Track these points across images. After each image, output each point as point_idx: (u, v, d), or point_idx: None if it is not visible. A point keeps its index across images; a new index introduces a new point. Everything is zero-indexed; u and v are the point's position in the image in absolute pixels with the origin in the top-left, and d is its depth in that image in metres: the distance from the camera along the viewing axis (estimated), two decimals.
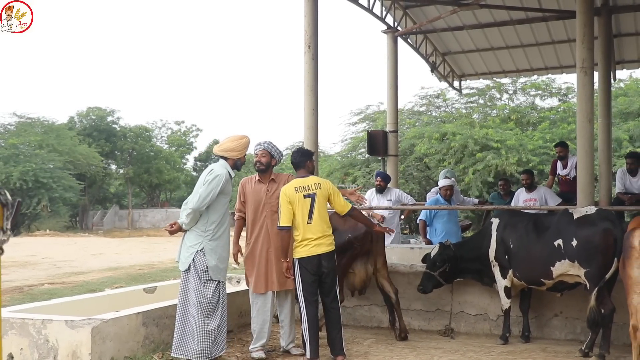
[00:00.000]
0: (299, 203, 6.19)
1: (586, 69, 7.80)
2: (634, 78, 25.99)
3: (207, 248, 6.07)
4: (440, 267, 7.40)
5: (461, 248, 7.54)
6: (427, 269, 7.50)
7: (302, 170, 6.48)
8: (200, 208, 6.04)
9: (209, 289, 6.06)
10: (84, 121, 50.84)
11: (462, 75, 14.94)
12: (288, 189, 6.27)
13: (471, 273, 7.55)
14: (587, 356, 6.40)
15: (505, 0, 11.14)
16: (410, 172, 25.60)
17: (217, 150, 6.37)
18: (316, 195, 6.24)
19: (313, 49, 8.99)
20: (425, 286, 7.48)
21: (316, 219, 6.20)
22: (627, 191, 9.97)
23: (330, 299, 6.33)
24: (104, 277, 14.25)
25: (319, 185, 6.32)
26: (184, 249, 6.17)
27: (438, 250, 7.47)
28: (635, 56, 13.33)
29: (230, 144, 6.34)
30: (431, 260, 7.46)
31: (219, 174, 6.11)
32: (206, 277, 6.05)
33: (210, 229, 6.12)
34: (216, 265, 6.10)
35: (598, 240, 6.33)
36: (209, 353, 6.01)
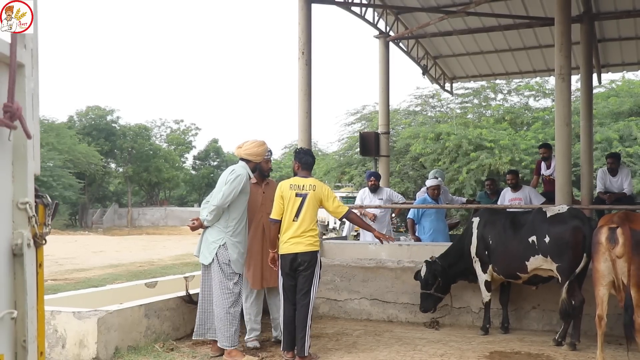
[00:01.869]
0: (290, 200, 6.52)
1: (564, 75, 8.26)
2: (626, 79, 26.39)
3: (229, 243, 6.50)
4: (434, 283, 7.78)
5: (447, 258, 7.90)
6: (422, 289, 7.84)
7: (305, 171, 6.73)
8: (224, 205, 6.46)
9: (233, 280, 6.50)
10: (84, 120, 51.29)
11: (453, 78, 15.38)
12: (284, 184, 6.61)
13: (461, 275, 7.96)
14: (560, 345, 6.87)
15: (493, 7, 11.56)
16: (405, 172, 26.02)
17: (241, 153, 6.72)
18: (308, 196, 6.52)
19: (307, 55, 9.43)
20: (426, 306, 7.85)
21: (302, 218, 6.47)
22: (607, 190, 10.42)
23: (300, 296, 6.43)
24: (106, 273, 14.67)
25: (314, 187, 6.55)
26: (205, 244, 6.60)
27: (426, 268, 7.80)
28: (619, 60, 13.79)
29: (256, 149, 6.73)
30: (423, 279, 7.80)
31: (240, 174, 6.53)
32: (229, 270, 6.48)
33: (232, 225, 6.53)
34: (237, 259, 6.53)
35: (569, 236, 6.81)
36: (234, 340, 6.45)
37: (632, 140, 21.87)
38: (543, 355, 6.54)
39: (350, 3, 11.03)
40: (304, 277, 6.46)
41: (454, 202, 11.32)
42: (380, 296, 8.58)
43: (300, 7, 9.51)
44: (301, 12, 9.48)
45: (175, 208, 55.04)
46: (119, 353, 6.32)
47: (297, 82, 9.46)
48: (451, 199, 11.32)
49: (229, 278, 6.48)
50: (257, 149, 6.75)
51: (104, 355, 6.17)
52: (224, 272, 6.47)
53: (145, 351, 6.52)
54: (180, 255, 20.13)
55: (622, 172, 10.47)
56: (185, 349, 6.80)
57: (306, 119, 9.44)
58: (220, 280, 6.47)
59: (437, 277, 7.74)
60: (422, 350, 6.74)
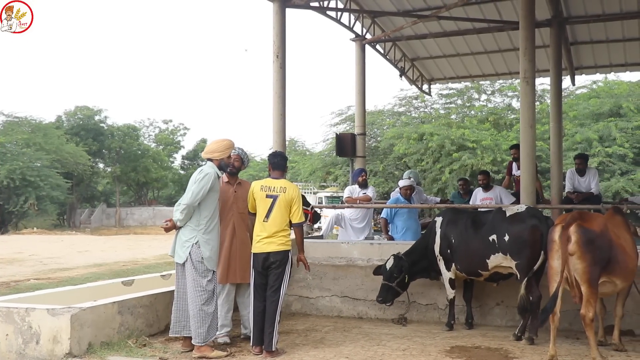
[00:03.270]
0: (260, 200, 6.79)
1: (528, 79, 8.52)
2: (607, 80, 26.75)
3: (201, 241, 6.69)
4: (397, 277, 8.02)
5: (412, 255, 8.14)
6: (385, 281, 8.07)
7: (277, 172, 6.98)
8: (194, 204, 6.66)
9: (206, 278, 6.69)
10: (72, 120, 51.18)
11: (431, 80, 15.63)
12: (255, 185, 6.90)
13: (422, 273, 8.22)
14: (519, 340, 7.14)
15: (468, 11, 11.81)
16: (390, 171, 26.31)
17: (203, 154, 7.05)
18: (278, 197, 6.76)
19: (281, 59, 9.66)
20: (385, 297, 8.08)
21: (273, 219, 6.72)
22: (575, 190, 10.70)
23: (270, 293, 6.66)
24: (89, 272, 14.82)
25: (284, 190, 6.75)
26: (179, 244, 6.79)
27: (393, 262, 8.03)
28: (592, 62, 14.08)
29: (212, 145, 7.00)
30: (388, 272, 8.03)
31: (208, 173, 6.75)
32: (203, 268, 6.67)
33: (203, 223, 6.73)
34: (210, 257, 6.73)
35: (527, 235, 7.10)
36: (207, 336, 6.63)
37: (612, 141, 22.24)
38: (502, 349, 6.80)
39: (325, 8, 11.24)
40: (274, 274, 6.69)
41: (428, 202, 11.58)
42: (351, 293, 8.83)
43: (274, 12, 9.71)
44: (276, 17, 9.69)
45: (164, 208, 54.95)
46: (92, 349, 6.50)
47: (272, 85, 9.67)
48: (425, 199, 11.58)
49: (203, 276, 6.67)
50: (213, 146, 6.97)
51: (77, 351, 6.36)
52: (197, 270, 6.66)
53: (118, 347, 6.71)
54: (165, 255, 20.22)
55: (589, 173, 10.76)
56: (157, 344, 6.99)
57: (281, 121, 9.66)
58: (194, 278, 6.66)
59: (402, 272, 7.98)
60: (387, 345, 6.98)
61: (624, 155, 21.49)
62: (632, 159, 21.52)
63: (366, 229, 10.57)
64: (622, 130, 22.35)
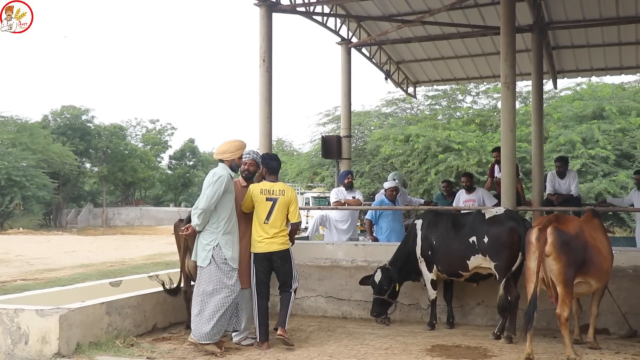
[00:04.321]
0: (260, 203, 7.05)
1: (508, 84, 8.72)
2: (591, 82, 27.00)
3: (221, 243, 6.80)
4: (388, 289, 8.15)
5: (396, 262, 8.26)
6: (376, 295, 8.18)
7: (273, 176, 7.27)
8: (210, 208, 6.74)
9: (232, 278, 6.82)
10: (58, 120, 51.16)
11: (416, 82, 15.82)
12: (254, 188, 7.13)
13: (407, 277, 8.35)
14: (498, 339, 7.33)
15: (452, 16, 11.99)
16: (376, 172, 26.47)
17: (215, 155, 7.12)
18: (278, 200, 7.07)
19: (267, 63, 9.81)
20: (379, 311, 8.21)
21: (273, 221, 7.02)
22: (556, 192, 10.93)
23: (286, 286, 7.15)
24: (76, 273, 14.88)
25: (283, 193, 7.09)
26: (200, 247, 6.87)
27: (382, 275, 8.13)
28: (574, 66, 14.32)
29: (223, 146, 7.05)
30: (378, 285, 8.13)
31: (221, 175, 6.84)
32: (228, 268, 6.80)
33: (222, 225, 6.84)
34: (232, 256, 6.86)
35: (505, 237, 7.31)
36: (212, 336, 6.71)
37: (595, 143, 22.48)
38: (481, 348, 6.99)
39: (312, 12, 11.39)
40: (283, 272, 7.12)
41: (412, 203, 11.77)
42: (335, 294, 9.00)
43: (261, 16, 9.86)
44: (262, 21, 9.84)
45: (151, 208, 55.10)
46: (80, 349, 6.62)
47: (258, 88, 9.82)
48: (409, 200, 11.77)
49: (229, 276, 6.78)
50: (224, 147, 7.01)
51: (65, 351, 6.48)
52: (222, 270, 6.76)
53: (106, 347, 6.83)
54: (152, 255, 20.35)
55: (569, 175, 10.99)
56: (145, 344, 7.12)
57: (267, 123, 9.80)
58: (220, 279, 6.75)
59: (392, 282, 8.11)
60: (370, 345, 7.15)
61: (606, 157, 21.75)
62: (614, 161, 21.78)
63: (350, 230, 10.75)
64: (604, 132, 22.61)
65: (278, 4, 10.22)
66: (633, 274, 7.61)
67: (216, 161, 7.17)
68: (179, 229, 7.96)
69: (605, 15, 11.43)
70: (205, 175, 7.15)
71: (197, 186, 60.53)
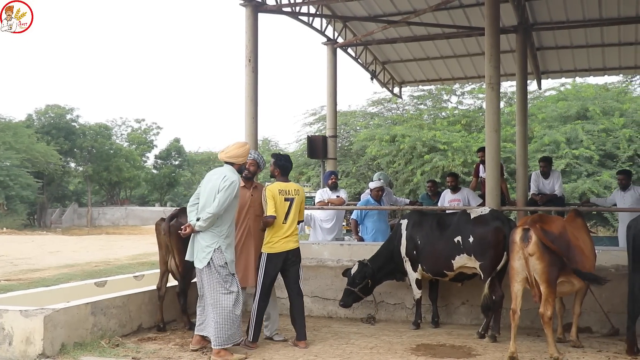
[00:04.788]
0: (280, 203, 7.12)
1: (493, 84, 8.79)
2: (575, 83, 27.17)
3: (223, 246, 6.75)
4: (360, 283, 8.21)
5: (377, 260, 8.33)
6: (347, 286, 8.27)
7: (285, 177, 7.37)
8: (220, 213, 6.69)
9: (231, 282, 6.76)
10: (42, 119, 50.78)
11: (402, 82, 15.89)
12: (273, 188, 7.18)
13: (388, 276, 8.42)
14: (482, 337, 7.40)
15: (437, 17, 12.05)
16: (362, 172, 26.51)
17: (224, 157, 6.95)
18: (294, 200, 7.20)
19: (253, 63, 9.81)
20: (345, 302, 8.29)
21: (291, 220, 7.15)
22: (540, 192, 11.01)
23: (295, 292, 7.24)
24: (60, 273, 14.80)
25: (298, 192, 7.26)
26: (199, 248, 6.76)
27: (357, 268, 8.23)
28: (558, 67, 14.44)
29: (237, 150, 6.97)
30: (351, 278, 8.24)
31: (233, 180, 6.77)
32: (226, 272, 6.72)
33: (225, 229, 6.80)
34: (232, 260, 6.84)
35: (490, 237, 7.37)
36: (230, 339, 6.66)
37: (579, 143, 22.64)
38: (465, 346, 7.05)
39: (297, 13, 11.40)
40: (294, 270, 7.25)
41: (398, 203, 11.81)
42: (321, 293, 9.03)
43: (247, 16, 9.86)
44: (248, 21, 9.84)
45: (136, 207, 54.78)
46: (65, 349, 6.61)
47: (244, 88, 9.81)
48: (395, 200, 11.81)
49: (226, 280, 6.71)
50: (238, 151, 6.96)
51: (49, 352, 6.46)
52: (220, 274, 6.68)
53: (91, 347, 6.82)
54: (138, 255, 20.28)
55: (553, 175, 11.08)
56: (130, 344, 7.12)
57: (253, 123, 9.81)
58: (219, 282, 6.67)
59: (365, 278, 8.17)
60: (355, 344, 7.19)
61: (590, 157, 21.90)
62: (598, 161, 21.94)
63: (335, 229, 10.78)
64: (588, 132, 22.77)
65: (264, 4, 10.22)
66: (615, 273, 7.69)
67: (203, 161, 7.17)
68: (160, 228, 7.97)
69: (588, 16, 11.55)
70: (191, 173, 7.11)
71: (183, 186, 60.40)
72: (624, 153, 21.51)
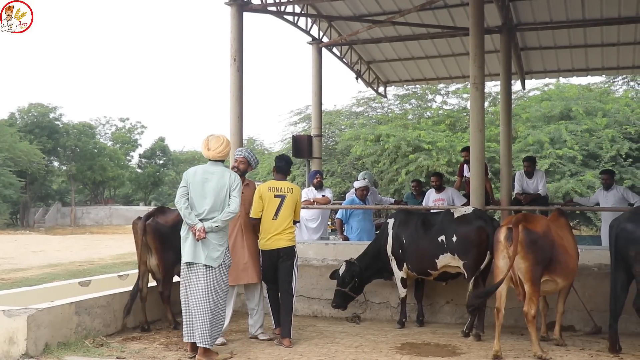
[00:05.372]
0: (269, 201, 7.18)
1: (477, 84, 8.83)
2: (559, 83, 27.34)
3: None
4: (350, 283, 8.22)
5: (364, 258, 8.35)
6: (338, 287, 8.28)
7: (280, 175, 7.44)
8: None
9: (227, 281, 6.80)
10: (25, 117, 50.48)
11: (387, 82, 15.93)
12: (263, 187, 7.27)
13: (376, 274, 8.43)
14: (467, 336, 7.44)
15: (422, 17, 12.09)
16: (347, 172, 26.53)
17: (216, 155, 6.74)
18: (286, 197, 7.23)
19: (238, 62, 9.80)
20: (338, 303, 8.29)
21: (281, 217, 7.19)
22: (524, 191, 11.08)
23: (284, 287, 7.22)
24: (44, 273, 14.73)
25: (291, 190, 7.30)
26: (211, 248, 6.56)
27: (345, 268, 8.25)
28: (541, 67, 14.54)
29: (225, 148, 6.79)
30: (340, 278, 8.25)
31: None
32: (227, 270, 6.77)
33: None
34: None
35: (473, 236, 7.41)
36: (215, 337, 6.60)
37: (562, 143, 22.76)
38: (450, 345, 7.08)
39: (282, 12, 11.40)
40: (284, 267, 7.22)
41: (383, 202, 11.84)
42: (306, 292, 9.03)
43: (232, 15, 9.85)
44: (233, 20, 9.83)
45: (120, 207, 54.53)
46: (48, 349, 6.57)
47: (229, 87, 9.80)
48: (380, 200, 11.84)
49: (226, 277, 6.74)
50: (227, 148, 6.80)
51: (33, 352, 6.42)
52: (224, 273, 6.66)
53: (75, 347, 6.79)
54: (122, 255, 20.22)
55: (537, 175, 11.15)
56: (115, 344, 7.09)
57: (238, 123, 9.80)
58: (221, 280, 6.62)
59: (354, 277, 8.19)
60: (340, 343, 7.20)
61: (573, 157, 22.02)
62: (581, 161, 22.06)
63: (321, 229, 10.78)
64: (572, 132, 22.89)
65: (249, 3, 10.21)
66: (598, 272, 7.76)
67: (187, 160, 7.17)
68: (137, 227, 7.92)
69: (571, 17, 11.65)
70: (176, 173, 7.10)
71: (167, 185, 60.17)
72: (607, 153, 21.64)
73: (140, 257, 7.92)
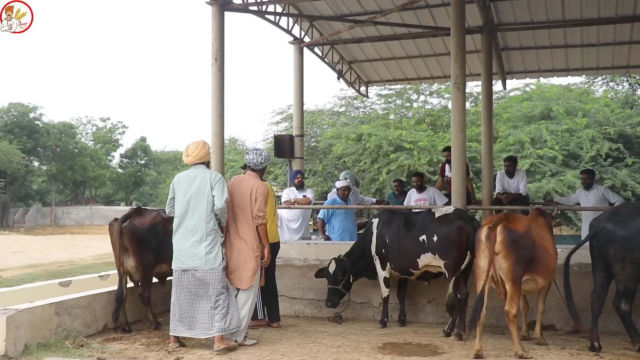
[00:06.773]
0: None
1: (459, 84, 8.87)
2: (539, 83, 27.51)
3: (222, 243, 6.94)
4: (342, 279, 8.26)
5: (352, 255, 8.38)
6: (330, 285, 8.30)
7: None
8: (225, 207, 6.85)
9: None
10: (5, 117, 50.01)
11: (368, 82, 15.94)
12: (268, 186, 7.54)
13: (363, 273, 8.45)
14: (448, 336, 7.47)
15: (404, 17, 12.12)
16: (329, 171, 26.54)
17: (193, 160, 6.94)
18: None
19: (219, 61, 9.76)
20: (333, 301, 8.32)
21: None
22: (505, 191, 11.13)
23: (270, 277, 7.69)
24: (24, 273, 14.61)
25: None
26: (217, 249, 6.81)
27: (336, 265, 8.28)
28: (522, 68, 14.63)
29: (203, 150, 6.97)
30: (332, 276, 8.28)
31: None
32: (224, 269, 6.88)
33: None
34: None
35: (454, 236, 7.44)
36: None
37: (543, 143, 22.93)
38: (432, 345, 7.10)
39: (264, 12, 11.38)
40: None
41: (364, 202, 11.86)
42: (288, 292, 9.02)
43: (213, 15, 9.81)
44: (214, 20, 9.79)
45: (101, 207, 54.11)
46: (28, 350, 6.50)
47: (210, 87, 9.76)
48: (361, 200, 11.87)
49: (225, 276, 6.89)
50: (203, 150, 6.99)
51: (12, 352, 6.35)
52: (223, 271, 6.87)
53: (55, 348, 6.73)
54: (103, 255, 20.09)
55: (518, 174, 11.20)
56: (95, 345, 7.04)
57: (219, 123, 9.76)
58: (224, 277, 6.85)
59: (346, 272, 8.22)
60: (322, 343, 7.20)
61: (554, 157, 22.18)
62: (562, 161, 22.23)
63: (302, 229, 10.79)
64: (552, 132, 23.06)
65: (230, 3, 10.18)
66: (578, 271, 7.82)
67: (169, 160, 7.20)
68: (113, 229, 7.86)
69: (551, 18, 11.72)
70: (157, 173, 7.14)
71: (149, 185, 59.84)
72: (587, 153, 21.83)
73: (118, 259, 7.86)
